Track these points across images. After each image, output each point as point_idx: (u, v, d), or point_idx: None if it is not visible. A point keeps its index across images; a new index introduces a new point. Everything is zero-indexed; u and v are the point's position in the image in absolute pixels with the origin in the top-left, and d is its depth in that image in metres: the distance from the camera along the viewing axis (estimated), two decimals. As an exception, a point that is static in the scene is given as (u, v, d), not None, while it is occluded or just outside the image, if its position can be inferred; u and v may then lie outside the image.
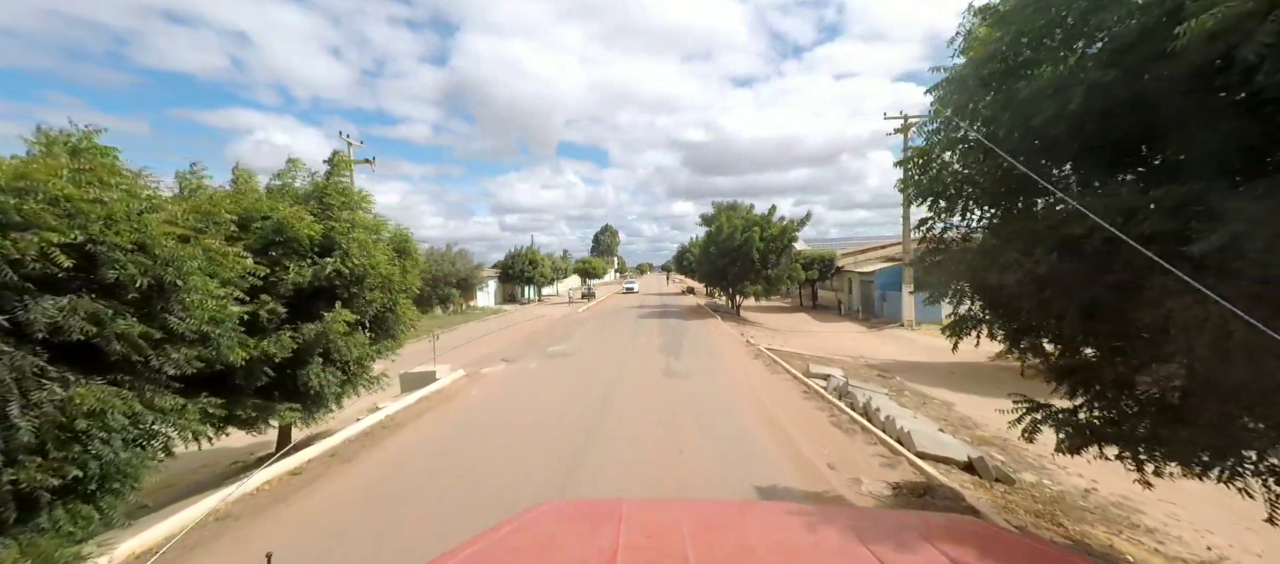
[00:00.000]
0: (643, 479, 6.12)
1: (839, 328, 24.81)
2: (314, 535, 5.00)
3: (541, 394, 10.50)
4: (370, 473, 6.57)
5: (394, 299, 7.81)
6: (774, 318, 29.96)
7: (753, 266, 24.84)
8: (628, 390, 10.40)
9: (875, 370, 13.59)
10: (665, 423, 8.17)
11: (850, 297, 31.79)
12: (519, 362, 14.78)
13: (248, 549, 4.72)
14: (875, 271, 27.61)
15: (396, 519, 5.27)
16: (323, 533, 5.04)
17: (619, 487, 5.93)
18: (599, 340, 18.53)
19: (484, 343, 20.73)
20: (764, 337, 20.43)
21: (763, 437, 7.57)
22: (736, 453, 6.89)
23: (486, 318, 34.71)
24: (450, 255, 36.82)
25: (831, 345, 18.56)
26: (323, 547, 4.76)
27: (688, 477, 6.14)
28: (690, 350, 15.49)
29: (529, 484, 5.95)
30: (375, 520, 5.26)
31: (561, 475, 6.24)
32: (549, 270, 51.77)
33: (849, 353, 16.79)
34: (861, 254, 36.37)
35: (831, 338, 20.99)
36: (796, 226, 24.88)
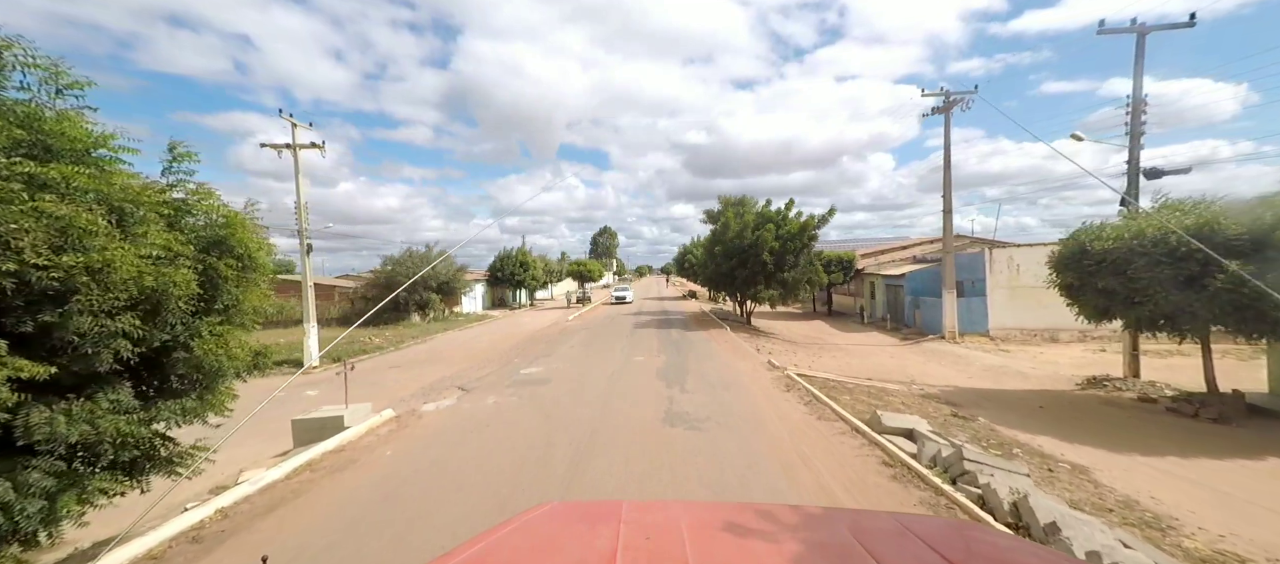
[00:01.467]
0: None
1: (867, 340, 21.43)
2: None
3: (486, 454, 7.13)
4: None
5: (190, 330, 4.45)
6: (789, 326, 26.57)
7: (765, 269, 21.45)
8: (611, 451, 7.03)
9: (947, 406, 10.22)
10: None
11: (872, 302, 28.40)
12: (477, 391, 11.41)
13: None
14: (904, 274, 24.22)
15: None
16: None
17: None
18: (585, 360, 15.14)
19: (448, 360, 17.36)
20: (784, 352, 17.06)
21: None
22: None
23: (469, 325, 31.36)
24: (429, 256, 33.44)
25: (870, 365, 15.18)
26: None
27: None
28: (698, 377, 12.11)
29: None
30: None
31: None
32: (541, 273, 48.39)
33: (895, 377, 13.42)
34: (882, 255, 33.02)
35: (865, 354, 17.61)
36: (817, 223, 21.52)
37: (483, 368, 15.09)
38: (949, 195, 19.53)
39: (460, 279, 35.73)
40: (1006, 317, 19.95)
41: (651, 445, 7.18)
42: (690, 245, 50.93)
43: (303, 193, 18.43)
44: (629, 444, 7.26)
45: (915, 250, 31.33)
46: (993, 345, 19.11)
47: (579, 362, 14.78)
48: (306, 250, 18.41)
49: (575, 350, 17.23)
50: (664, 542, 1.44)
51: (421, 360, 18.38)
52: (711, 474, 6.14)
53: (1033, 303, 19.74)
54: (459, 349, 20.88)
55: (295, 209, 18.44)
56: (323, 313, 33.39)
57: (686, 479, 6.03)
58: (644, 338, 19.81)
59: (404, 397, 11.32)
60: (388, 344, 23.78)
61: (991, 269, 20.19)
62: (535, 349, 18.32)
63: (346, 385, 8.84)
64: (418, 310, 33.59)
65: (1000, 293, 20.08)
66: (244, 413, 4.83)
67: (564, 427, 8.21)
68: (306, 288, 18.43)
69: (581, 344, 18.78)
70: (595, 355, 15.85)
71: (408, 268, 31.65)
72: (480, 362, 16.46)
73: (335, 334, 29.88)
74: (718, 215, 26.91)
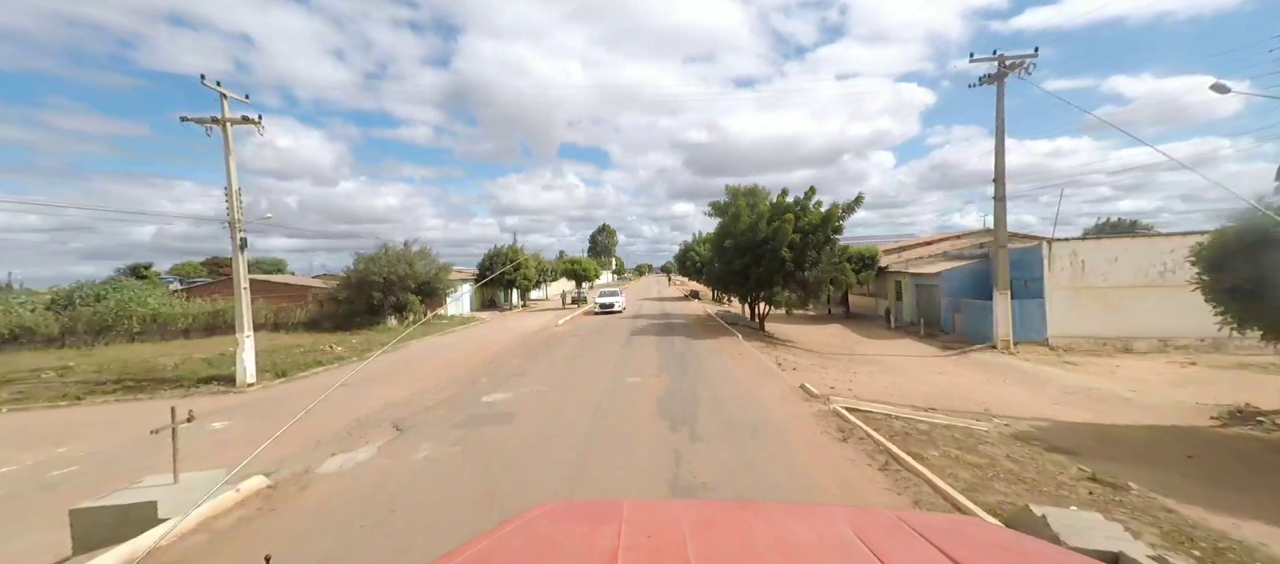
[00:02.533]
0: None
1: (900, 349, 18.43)
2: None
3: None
4: None
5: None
6: (806, 332, 23.54)
7: (784, 267, 18.43)
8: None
9: (1061, 455, 7.22)
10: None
11: (898, 305, 25.36)
12: (413, 432, 8.42)
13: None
14: (939, 273, 21.18)
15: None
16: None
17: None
18: (566, 381, 12.13)
19: (407, 377, 14.36)
20: (813, 368, 14.06)
21: None
22: None
23: (450, 330, 28.38)
24: (407, 254, 30.44)
25: (922, 386, 12.19)
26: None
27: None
28: (712, 411, 9.09)
29: None
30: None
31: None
32: (534, 272, 45.37)
33: (961, 404, 10.44)
34: (905, 251, 29.98)
35: (908, 370, 14.61)
36: (842, 213, 18.49)
37: (440, 390, 12.12)
38: (1002, 178, 16.50)
39: (443, 279, 32.70)
40: (1069, 322, 16.93)
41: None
42: (693, 242, 47.88)
43: (234, 175, 15.41)
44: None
45: (946, 245, 28.29)
46: (1055, 357, 16.11)
47: (558, 384, 11.78)
48: (240, 245, 15.39)
49: (557, 366, 14.21)
50: (666, 540, 1.42)
51: (377, 377, 15.40)
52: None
53: (1100, 306, 16.74)
54: (427, 361, 17.91)
55: (227, 195, 15.44)
56: (288, 317, 30.44)
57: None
58: (641, 349, 16.80)
59: (311, 443, 8.31)
60: (351, 354, 20.79)
61: (1051, 266, 17.17)
62: (511, 363, 15.32)
63: (175, 445, 5.78)
64: (395, 313, 30.61)
65: (1061, 295, 17.06)
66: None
67: (513, 511, 5.21)
68: (239, 289, 15.44)
69: (567, 358, 15.76)
70: (580, 375, 12.84)
71: (382, 266, 28.66)
72: (442, 380, 13.48)
73: (300, 340, 26.93)
74: (726, 207, 23.93)
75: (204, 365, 17.94)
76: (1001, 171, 16.42)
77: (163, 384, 15.52)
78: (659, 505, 1.93)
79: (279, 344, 24.35)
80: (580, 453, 6.99)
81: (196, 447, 8.50)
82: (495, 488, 5.95)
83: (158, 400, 14.15)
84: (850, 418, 8.10)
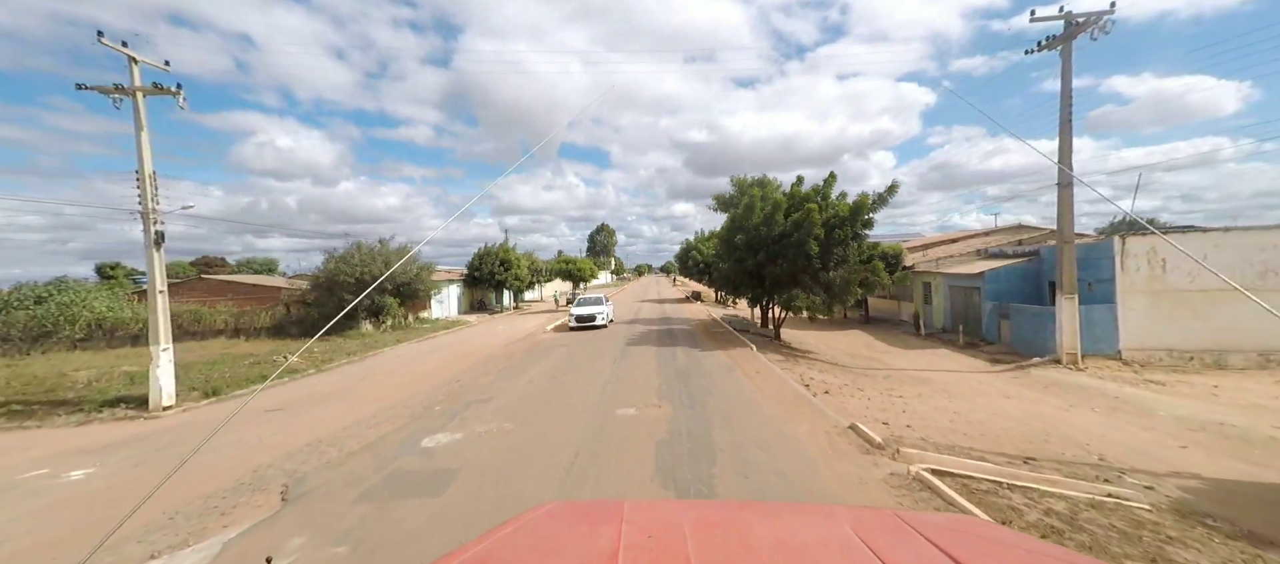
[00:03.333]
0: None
1: (940, 362, 15.75)
2: None
3: None
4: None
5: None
6: (825, 340, 20.85)
7: (809, 266, 15.73)
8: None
9: (1247, 546, 4.55)
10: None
11: (928, 309, 22.66)
12: (296, 508, 5.77)
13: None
14: (981, 273, 18.48)
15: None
16: None
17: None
18: (538, 417, 9.42)
19: (336, 404, 11.66)
20: (848, 389, 11.38)
21: None
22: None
23: (431, 335, 25.75)
24: (383, 252, 27.78)
25: (999, 419, 9.50)
26: None
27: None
28: (736, 471, 6.42)
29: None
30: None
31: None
32: (526, 272, 42.69)
33: (1063, 447, 7.79)
34: (931, 249, 27.28)
35: (967, 392, 11.93)
36: (873, 205, 15.80)
37: (379, 422, 9.47)
38: (1068, 157, 13.78)
39: (425, 279, 30.05)
40: (1145, 332, 14.25)
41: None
42: (695, 240, 45.20)
43: (148, 156, 12.79)
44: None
45: (976, 242, 25.57)
46: (1132, 374, 13.43)
47: (529, 417, 9.10)
48: (155, 240, 12.76)
49: (533, 388, 11.54)
50: (666, 540, 1.41)
51: (318, 397, 12.77)
52: None
53: (1187, 312, 14.05)
54: (388, 375, 15.27)
55: (138, 180, 12.80)
56: (251, 321, 27.79)
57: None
58: (638, 363, 14.11)
59: (145, 526, 5.64)
60: (308, 365, 18.12)
61: (1124, 265, 14.47)
62: (480, 382, 12.65)
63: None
64: (370, 317, 27.96)
65: (1138, 299, 14.37)
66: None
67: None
68: (153, 294, 12.81)
69: (548, 374, 13.08)
70: (558, 402, 10.15)
71: (354, 266, 25.99)
72: (390, 405, 10.83)
73: (260, 347, 24.29)
74: (733, 200, 21.26)
75: (124, 381, 15.30)
76: (1068, 149, 13.71)
77: (61, 406, 12.86)
78: (659, 505, 1.94)
79: (234, 352, 21.71)
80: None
81: (17, 515, 5.94)
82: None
83: (47, 428, 11.54)
84: (946, 490, 5.41)
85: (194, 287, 32.04)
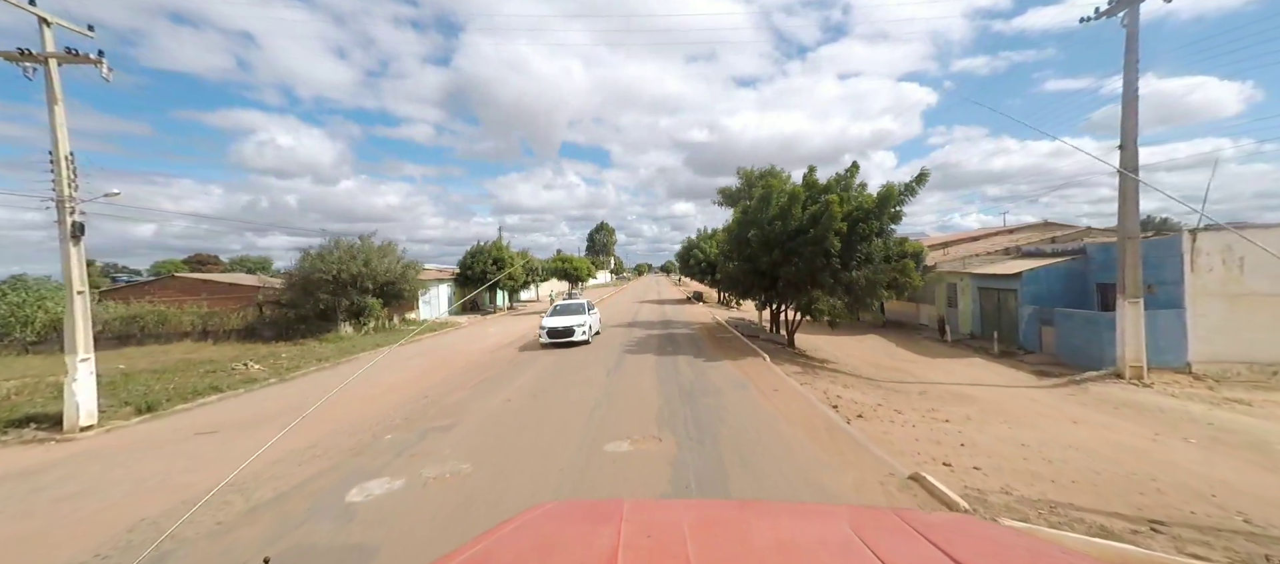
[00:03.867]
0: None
1: (982, 374, 13.89)
2: None
3: None
4: None
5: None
6: (842, 346, 19.01)
7: (828, 264, 13.86)
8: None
9: None
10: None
11: (954, 313, 20.78)
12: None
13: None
14: (1019, 274, 16.62)
15: None
16: None
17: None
18: (507, 453, 7.54)
19: (274, 427, 9.76)
20: (883, 410, 9.51)
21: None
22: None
23: (413, 339, 23.83)
24: (365, 249, 25.93)
25: (1078, 454, 7.62)
26: None
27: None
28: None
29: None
30: None
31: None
32: (521, 272, 40.83)
33: (1177, 495, 5.93)
34: (950, 247, 25.40)
35: (1024, 413, 10.06)
36: (900, 195, 13.93)
37: (309, 461, 7.62)
38: (1133, 140, 11.90)
39: (410, 278, 28.19)
40: (1221, 342, 12.39)
41: None
42: (698, 238, 43.30)
43: (63, 134, 10.97)
44: None
45: (1003, 240, 23.66)
46: (1207, 391, 11.57)
47: (495, 454, 7.24)
48: (73, 232, 10.93)
49: (509, 409, 9.68)
50: (665, 540, 1.41)
51: (265, 417, 10.97)
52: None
53: (1271, 319, 12.19)
54: (351, 388, 13.40)
55: (52, 162, 10.97)
56: (220, 323, 25.94)
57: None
58: (634, 377, 12.26)
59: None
60: (270, 374, 16.29)
61: (1195, 265, 12.61)
62: (450, 399, 10.81)
63: None
64: (350, 319, 26.10)
65: (1211, 304, 12.51)
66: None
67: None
68: (71, 295, 11.00)
69: (528, 391, 11.21)
70: (535, 431, 8.29)
71: (331, 264, 24.13)
72: (335, 432, 8.99)
73: (226, 352, 22.45)
74: (740, 193, 19.50)
75: (51, 394, 13.46)
76: (1133, 129, 11.83)
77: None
78: (659, 505, 1.95)
79: (196, 357, 19.86)
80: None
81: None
82: None
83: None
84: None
85: (166, 285, 30.18)
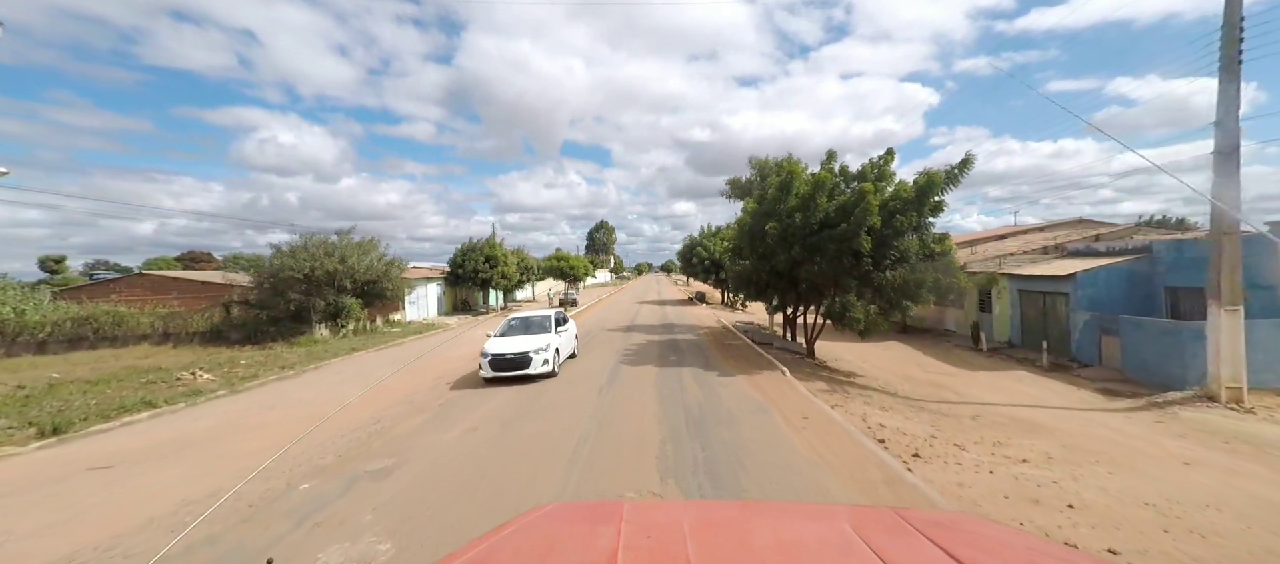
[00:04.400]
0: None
1: (1033, 390, 11.87)
2: None
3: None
4: None
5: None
6: (864, 355, 16.99)
7: (857, 264, 11.84)
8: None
9: None
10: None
11: (988, 318, 18.74)
12: None
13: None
14: (1073, 276, 14.59)
15: None
16: None
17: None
18: (446, 534, 5.49)
19: (172, 466, 7.75)
20: (939, 447, 7.47)
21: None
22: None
23: (393, 343, 21.90)
24: (342, 246, 23.95)
25: (1231, 518, 5.58)
26: None
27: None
28: None
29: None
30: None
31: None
32: (514, 270, 38.84)
33: None
34: (976, 246, 23.36)
35: (1118, 449, 8.02)
36: (944, 183, 11.91)
37: (182, 530, 5.63)
38: (1234, 110, 9.83)
39: (393, 276, 26.21)
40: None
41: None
42: (701, 235, 41.25)
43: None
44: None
45: (1038, 238, 21.57)
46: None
47: (431, 523, 5.24)
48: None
49: (466, 449, 7.65)
50: (665, 540, 1.39)
51: (180, 444, 8.99)
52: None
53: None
54: (296, 407, 11.43)
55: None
56: (183, 325, 23.96)
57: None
58: (631, 399, 10.26)
59: None
60: (219, 385, 14.32)
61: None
62: (406, 425, 8.82)
63: None
64: (327, 320, 24.13)
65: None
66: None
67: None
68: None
69: (497, 419, 9.17)
70: (494, 481, 6.27)
71: (303, 262, 22.13)
72: (245, 472, 6.97)
73: (185, 357, 20.48)
74: (752, 185, 17.55)
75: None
76: (1234, 99, 9.78)
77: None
78: (659, 506, 2.01)
79: (146, 364, 17.89)
80: None
81: None
82: None
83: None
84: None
85: (134, 284, 28.22)
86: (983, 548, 1.35)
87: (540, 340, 12.25)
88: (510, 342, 12.28)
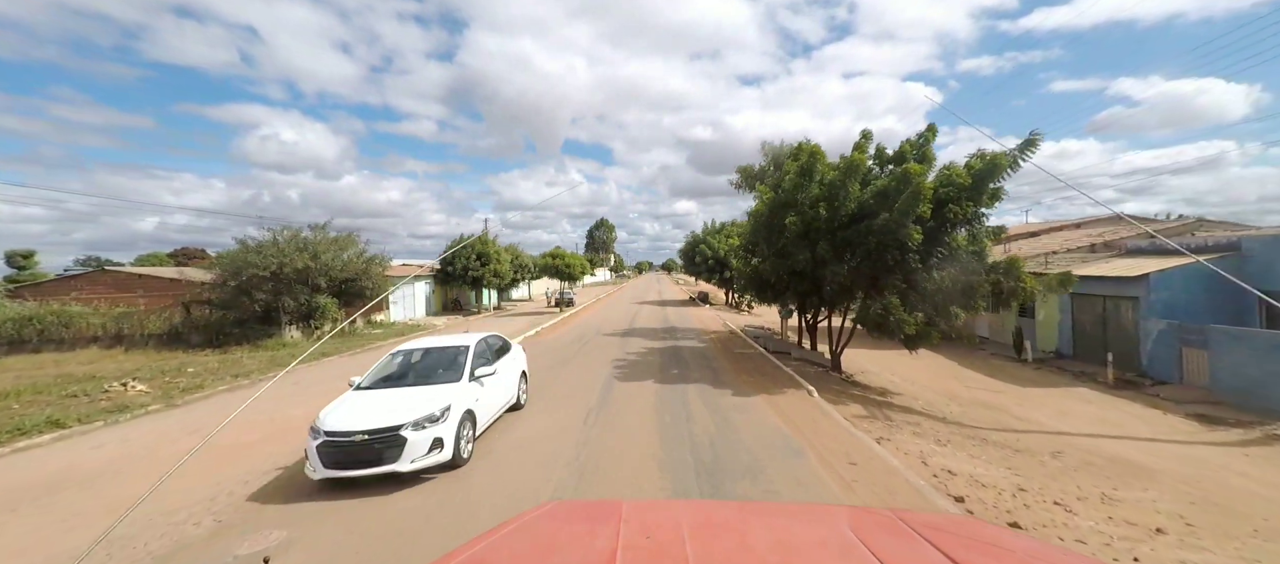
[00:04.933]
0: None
1: (1104, 411, 9.88)
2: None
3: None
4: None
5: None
6: (894, 367, 15.00)
7: (902, 261, 9.83)
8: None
9: None
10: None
11: (1030, 324, 16.70)
12: None
13: None
14: (1145, 277, 12.54)
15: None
16: None
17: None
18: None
19: (5, 534, 5.69)
20: (1037, 509, 5.44)
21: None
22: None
23: (366, 348, 19.89)
24: (314, 242, 21.96)
25: None
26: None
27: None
28: None
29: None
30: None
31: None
32: (508, 269, 36.85)
33: None
34: (1011, 242, 21.30)
35: (1263, 505, 6.01)
36: (1010, 165, 9.84)
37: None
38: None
39: (374, 274, 24.23)
40: None
41: None
42: (705, 232, 39.19)
43: None
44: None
45: (1077, 235, 19.50)
46: None
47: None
48: None
49: (399, 516, 5.67)
50: (664, 540, 1.38)
51: (57, 484, 7.00)
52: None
53: None
54: (222, 431, 9.40)
55: None
56: (139, 326, 22.01)
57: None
58: (625, 427, 8.27)
59: None
60: (154, 398, 12.35)
61: None
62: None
63: None
64: (299, 322, 22.16)
65: None
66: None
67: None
68: None
69: (446, 464, 7.18)
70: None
71: (269, 258, 20.12)
72: (95, 538, 4.96)
73: (131, 363, 18.52)
74: (764, 173, 15.58)
75: None
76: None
77: None
78: (658, 506, 1.89)
79: (84, 370, 15.90)
80: None
81: None
82: None
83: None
84: None
85: (96, 281, 26.26)
86: (981, 550, 1.35)
87: (428, 400, 6.44)
88: (366, 407, 6.31)
